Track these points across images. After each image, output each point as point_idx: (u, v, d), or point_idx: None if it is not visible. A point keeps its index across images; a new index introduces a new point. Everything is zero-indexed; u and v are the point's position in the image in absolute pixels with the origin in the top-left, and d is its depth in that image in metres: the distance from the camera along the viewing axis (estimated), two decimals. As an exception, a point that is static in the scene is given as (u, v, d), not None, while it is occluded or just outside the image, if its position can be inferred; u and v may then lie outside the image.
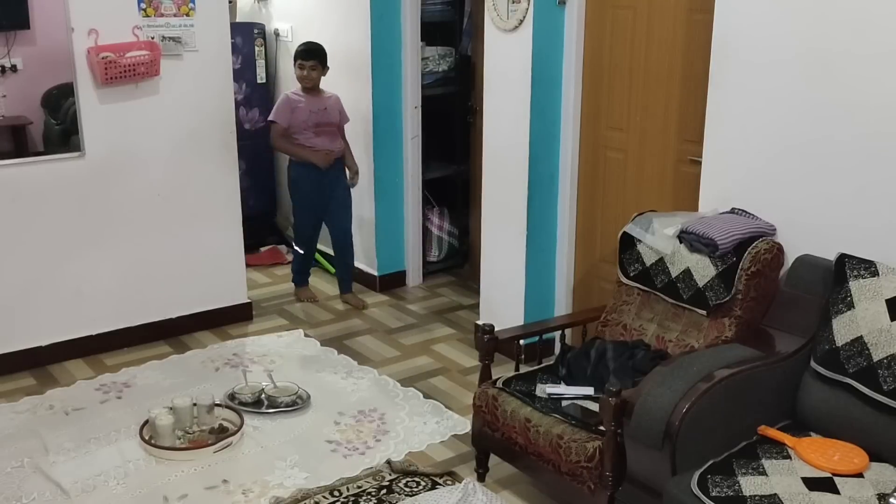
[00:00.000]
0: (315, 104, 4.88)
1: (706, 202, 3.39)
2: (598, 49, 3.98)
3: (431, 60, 5.39)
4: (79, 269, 4.30)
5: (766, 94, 3.13)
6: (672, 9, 3.64)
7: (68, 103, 4.16)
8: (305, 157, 4.90)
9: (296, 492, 3.28)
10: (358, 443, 3.63)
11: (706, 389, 2.61)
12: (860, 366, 2.63)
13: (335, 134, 4.99)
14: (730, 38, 3.21)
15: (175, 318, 4.64)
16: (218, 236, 4.70)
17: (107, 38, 4.11)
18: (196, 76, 4.43)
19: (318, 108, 4.88)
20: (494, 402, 3.17)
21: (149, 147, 4.37)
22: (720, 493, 2.43)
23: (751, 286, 3.02)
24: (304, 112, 4.85)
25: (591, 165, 4.13)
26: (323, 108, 4.90)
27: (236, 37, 5.33)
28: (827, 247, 2.94)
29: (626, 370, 3.11)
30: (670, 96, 3.70)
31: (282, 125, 4.88)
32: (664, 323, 3.27)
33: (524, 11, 3.93)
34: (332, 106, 4.95)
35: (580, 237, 4.26)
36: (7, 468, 3.40)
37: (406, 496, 3.23)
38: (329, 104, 4.93)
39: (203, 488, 3.30)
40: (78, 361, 4.33)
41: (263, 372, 4.15)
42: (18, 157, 4.11)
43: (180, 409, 3.60)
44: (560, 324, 3.75)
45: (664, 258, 3.22)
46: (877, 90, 2.82)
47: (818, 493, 2.41)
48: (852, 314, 2.69)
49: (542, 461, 3.01)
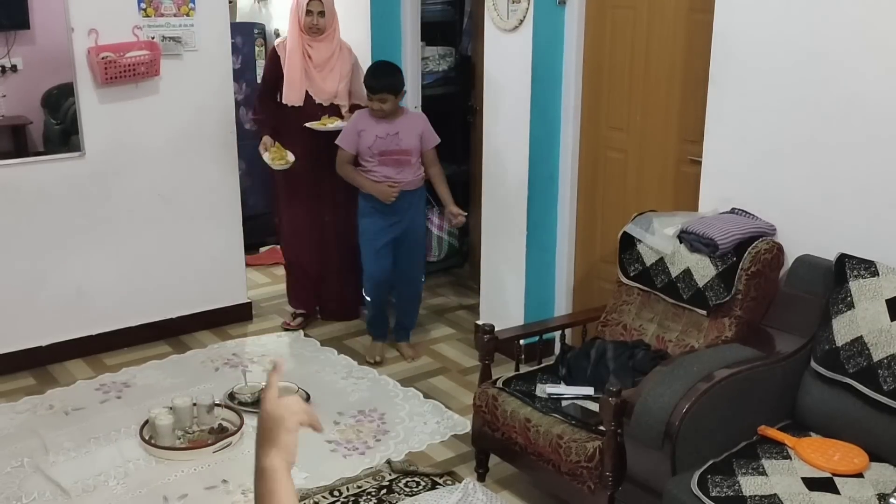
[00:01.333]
0: (384, 129, 4.13)
1: (706, 202, 3.39)
2: (598, 49, 3.98)
3: (431, 60, 5.39)
4: (79, 269, 4.30)
5: (766, 94, 3.13)
6: (672, 9, 3.64)
7: (68, 103, 4.16)
8: (365, 189, 4.21)
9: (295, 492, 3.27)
10: (358, 443, 3.63)
11: (706, 389, 2.61)
12: (860, 366, 2.63)
13: (408, 163, 4.18)
14: (730, 38, 3.21)
15: (175, 318, 4.63)
16: (218, 236, 4.70)
17: (107, 37, 4.11)
18: (196, 76, 4.43)
19: (386, 134, 4.12)
20: (494, 402, 3.17)
21: (149, 147, 4.37)
22: (720, 493, 2.43)
23: (751, 286, 3.01)
24: (370, 137, 4.13)
25: (591, 165, 4.13)
26: (394, 133, 4.12)
27: (236, 37, 5.32)
28: (827, 247, 2.94)
29: (626, 370, 3.11)
30: (670, 96, 3.70)
31: (348, 152, 4.19)
32: (664, 323, 3.27)
33: (524, 11, 3.92)
34: (407, 130, 4.16)
35: (580, 237, 4.26)
36: (7, 468, 3.40)
37: (406, 496, 3.22)
38: (404, 128, 4.15)
39: (203, 488, 3.30)
40: (78, 361, 4.33)
41: (263, 372, 4.15)
42: (18, 157, 4.11)
43: (180, 409, 3.60)
44: (560, 324, 3.75)
45: (664, 258, 3.22)
46: (877, 90, 2.82)
47: (818, 493, 2.41)
48: (852, 314, 2.69)
49: (542, 461, 3.01)
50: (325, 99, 4.52)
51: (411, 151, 4.18)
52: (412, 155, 4.19)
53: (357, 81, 4.54)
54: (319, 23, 4.39)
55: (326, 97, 4.51)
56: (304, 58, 4.44)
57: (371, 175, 4.18)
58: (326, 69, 4.50)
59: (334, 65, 4.51)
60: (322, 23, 4.39)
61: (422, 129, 4.20)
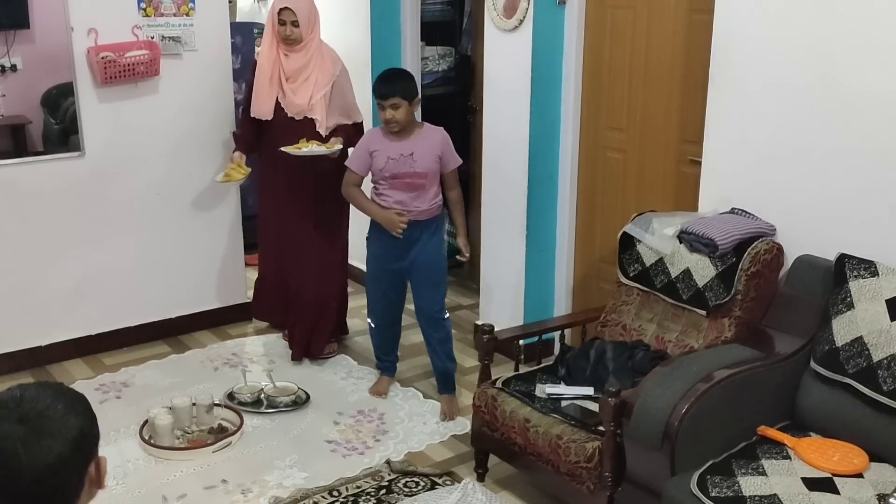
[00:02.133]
0: (397, 149, 3.67)
1: (706, 202, 3.39)
2: (598, 49, 3.98)
3: (431, 60, 5.39)
4: (78, 269, 4.30)
5: (765, 95, 3.13)
6: (672, 9, 3.64)
7: (68, 103, 4.16)
8: (371, 215, 3.81)
9: (295, 492, 3.28)
10: (357, 443, 3.63)
11: (706, 390, 2.61)
12: (860, 366, 2.63)
13: (422, 188, 3.70)
14: (730, 38, 3.21)
15: (174, 318, 4.63)
16: (218, 236, 4.70)
17: (106, 37, 4.11)
18: (196, 76, 4.43)
19: (399, 155, 3.66)
20: (494, 402, 3.17)
21: (148, 147, 4.37)
22: (720, 493, 2.43)
23: (750, 286, 3.01)
24: (381, 159, 3.69)
25: (590, 165, 4.13)
26: (408, 153, 3.66)
27: (236, 37, 5.32)
28: (827, 247, 2.93)
29: (626, 370, 3.11)
30: (670, 96, 3.70)
31: (356, 174, 3.79)
32: (664, 323, 3.27)
33: (524, 11, 3.92)
34: (424, 151, 3.68)
35: (580, 237, 4.26)
36: (6, 468, 3.39)
37: (405, 496, 3.22)
38: (420, 148, 3.68)
39: (202, 488, 3.30)
40: (77, 361, 4.33)
41: (263, 372, 4.14)
42: (18, 157, 4.11)
43: (179, 409, 3.60)
44: (559, 324, 3.75)
45: (664, 258, 3.22)
46: (877, 90, 2.82)
47: (818, 494, 2.41)
48: (852, 314, 2.69)
49: (542, 461, 3.01)
50: (297, 112, 4.09)
51: (427, 175, 3.70)
52: (428, 179, 3.71)
53: (342, 95, 4.19)
54: (293, 33, 4.02)
55: (297, 110, 4.09)
56: (276, 68, 4.09)
57: (382, 199, 3.75)
58: (299, 80, 4.09)
59: (309, 75, 4.09)
60: (297, 33, 4.02)
61: (440, 149, 3.72)
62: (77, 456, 1.39)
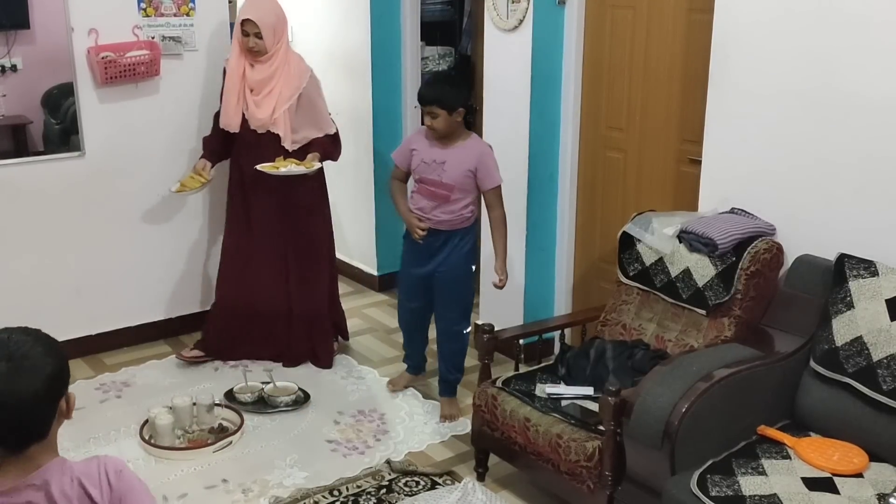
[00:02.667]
0: (432, 154, 3.59)
1: (706, 202, 3.39)
2: (598, 49, 3.98)
3: (431, 60, 5.39)
4: (78, 269, 4.30)
5: (765, 94, 3.13)
6: (672, 9, 3.64)
7: (68, 103, 4.16)
8: (399, 213, 3.77)
9: (295, 491, 3.28)
10: (357, 442, 3.63)
11: (705, 389, 2.61)
12: (860, 366, 2.63)
13: (446, 199, 3.60)
14: (730, 38, 3.21)
15: (175, 318, 4.63)
16: (218, 236, 4.69)
17: (107, 37, 4.11)
18: (196, 76, 4.43)
19: (432, 160, 3.58)
20: (494, 401, 3.17)
21: (149, 147, 4.37)
22: (720, 492, 2.43)
23: (750, 286, 3.01)
24: (417, 160, 3.65)
25: (590, 165, 4.13)
26: (441, 161, 3.57)
27: (236, 36, 5.32)
28: (827, 247, 2.94)
29: (626, 370, 3.11)
30: (670, 96, 3.70)
31: (399, 167, 3.75)
32: (663, 322, 3.27)
33: (524, 11, 3.92)
34: (457, 162, 3.56)
35: (580, 237, 4.26)
36: (7, 467, 3.40)
37: (406, 496, 3.23)
38: (454, 159, 3.56)
39: (202, 488, 3.30)
40: (77, 361, 4.32)
41: (263, 371, 4.14)
42: (18, 157, 4.11)
43: (180, 409, 3.60)
44: (559, 324, 3.75)
45: (664, 258, 3.22)
46: (877, 90, 2.82)
47: (818, 493, 2.41)
48: (852, 314, 2.69)
49: (542, 461, 3.01)
50: (259, 126, 3.97)
51: (453, 188, 3.57)
52: (453, 192, 3.58)
53: (311, 107, 4.05)
54: (257, 45, 3.89)
55: (259, 124, 3.97)
56: (241, 79, 3.98)
57: (412, 200, 3.72)
58: (263, 93, 3.96)
59: (273, 87, 3.96)
60: (260, 45, 3.90)
61: (476, 164, 3.55)
62: (52, 391, 1.67)
